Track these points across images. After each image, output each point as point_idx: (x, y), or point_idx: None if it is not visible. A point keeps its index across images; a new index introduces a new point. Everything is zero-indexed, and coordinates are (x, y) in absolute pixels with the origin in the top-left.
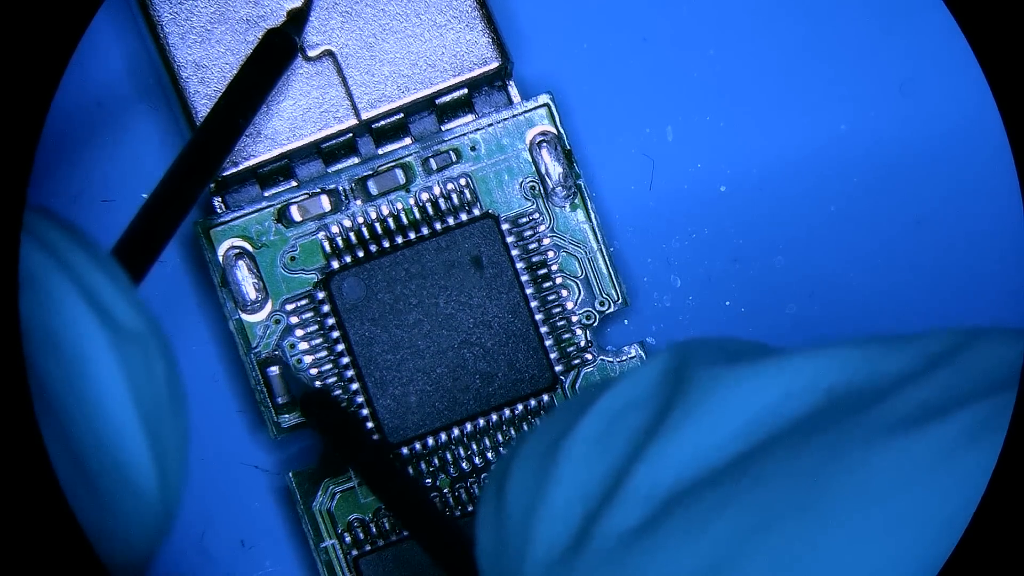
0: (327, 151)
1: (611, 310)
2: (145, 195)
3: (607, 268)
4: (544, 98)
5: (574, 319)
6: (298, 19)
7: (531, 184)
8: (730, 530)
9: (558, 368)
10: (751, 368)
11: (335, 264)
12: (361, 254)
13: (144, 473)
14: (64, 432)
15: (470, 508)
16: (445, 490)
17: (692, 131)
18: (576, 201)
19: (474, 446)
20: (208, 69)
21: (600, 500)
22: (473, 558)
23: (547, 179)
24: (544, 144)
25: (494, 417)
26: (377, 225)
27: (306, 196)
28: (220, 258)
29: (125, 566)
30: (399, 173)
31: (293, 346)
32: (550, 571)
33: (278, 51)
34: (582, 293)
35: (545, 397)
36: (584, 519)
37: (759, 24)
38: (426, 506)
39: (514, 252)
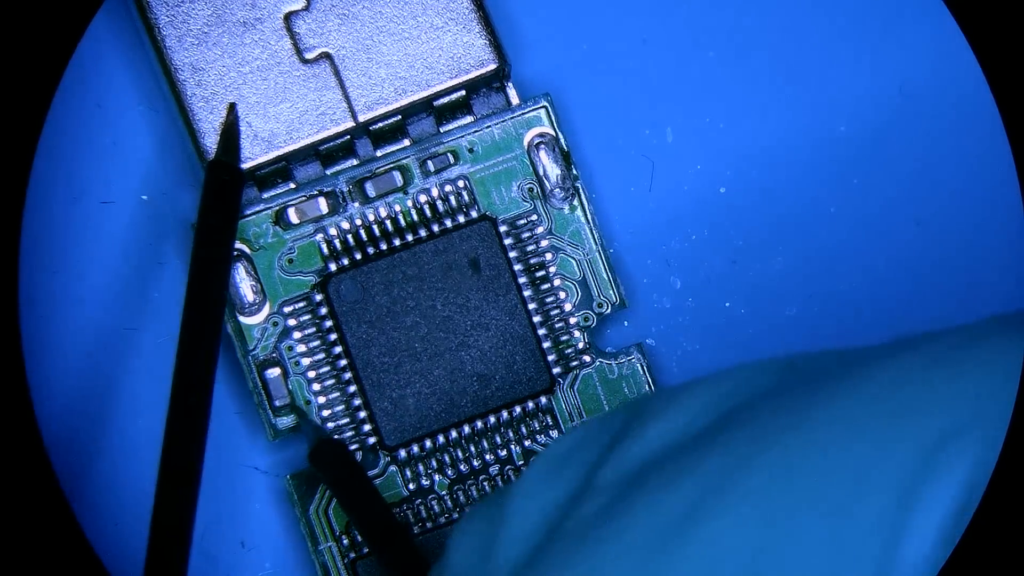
0: (325, 153)
1: (609, 312)
2: (145, 197)
3: (606, 270)
4: (542, 100)
5: (572, 321)
6: (231, 146)
7: (529, 186)
8: (714, 468)
9: (556, 370)
10: (704, 376)
11: (332, 266)
12: (359, 256)
13: None
14: None
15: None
16: (443, 493)
17: (692, 132)
18: (575, 203)
19: (472, 448)
20: (205, 71)
21: (563, 512)
22: None
23: (545, 181)
24: (542, 146)
25: (492, 419)
26: (375, 227)
27: (304, 198)
28: None
29: None
30: (397, 175)
31: (291, 349)
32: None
33: (228, 185)
34: (580, 295)
35: (543, 399)
36: (546, 532)
37: (758, 25)
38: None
39: (512, 254)
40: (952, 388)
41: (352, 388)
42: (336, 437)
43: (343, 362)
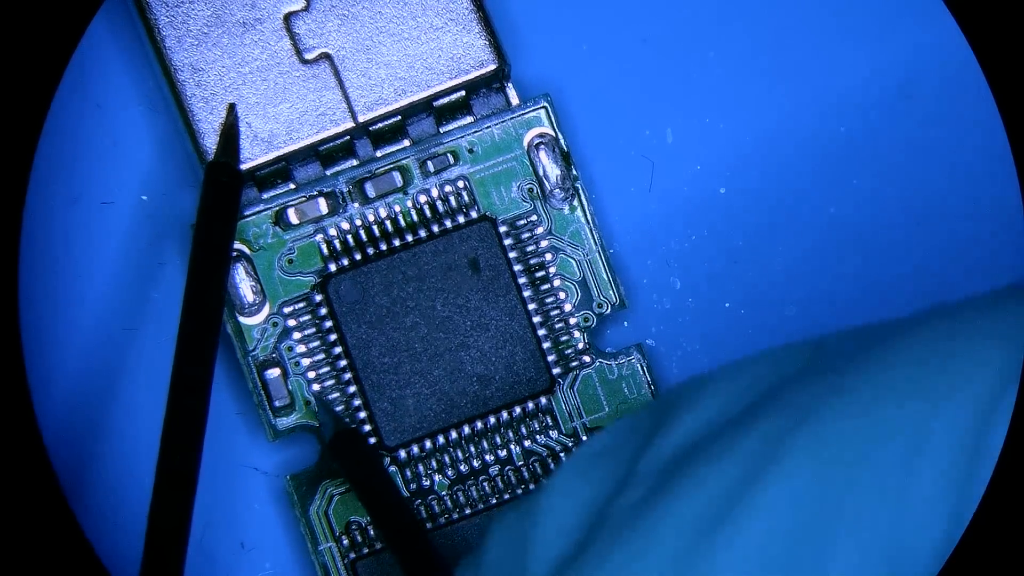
0: (325, 154)
1: (609, 312)
2: (145, 197)
3: (606, 270)
4: (542, 100)
5: (572, 321)
6: (230, 147)
7: (529, 186)
8: (757, 444)
9: (556, 371)
10: (734, 362)
11: (332, 267)
12: (358, 257)
13: None
14: None
15: (468, 511)
16: (443, 493)
17: (692, 133)
18: (574, 203)
19: (472, 449)
20: (205, 72)
21: (600, 507)
22: None
23: (545, 181)
24: (542, 146)
25: (492, 420)
26: (375, 228)
27: (303, 199)
28: None
29: None
30: (396, 176)
31: (291, 349)
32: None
33: (227, 186)
34: (580, 295)
35: (543, 400)
36: (585, 528)
37: (758, 25)
38: (445, 570)
39: (512, 255)
40: (1001, 340)
41: (352, 388)
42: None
43: (343, 362)
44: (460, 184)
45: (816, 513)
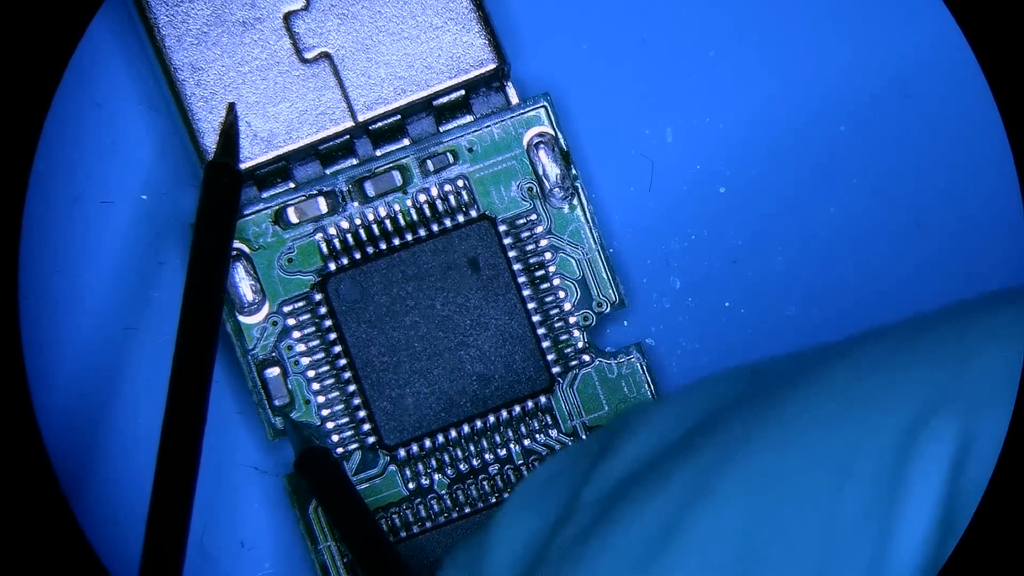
0: (324, 153)
1: (608, 311)
2: (145, 197)
3: (605, 269)
4: (542, 99)
5: (571, 320)
6: (229, 147)
7: (529, 185)
8: (693, 473)
9: (555, 370)
10: (675, 391)
11: (332, 266)
12: (358, 256)
13: None
14: None
15: (467, 510)
16: (443, 492)
17: (691, 132)
18: (574, 202)
19: (471, 448)
20: (204, 71)
21: (546, 538)
22: None
23: (545, 180)
24: (542, 145)
25: (491, 419)
26: (374, 227)
27: (303, 198)
28: None
29: None
30: (396, 175)
31: (290, 348)
32: None
33: (227, 186)
34: (579, 294)
35: (542, 399)
36: (532, 559)
37: (758, 25)
38: None
39: (511, 254)
40: (921, 369)
41: (351, 388)
42: (323, 444)
43: (342, 362)
44: (460, 183)
45: (747, 545)
